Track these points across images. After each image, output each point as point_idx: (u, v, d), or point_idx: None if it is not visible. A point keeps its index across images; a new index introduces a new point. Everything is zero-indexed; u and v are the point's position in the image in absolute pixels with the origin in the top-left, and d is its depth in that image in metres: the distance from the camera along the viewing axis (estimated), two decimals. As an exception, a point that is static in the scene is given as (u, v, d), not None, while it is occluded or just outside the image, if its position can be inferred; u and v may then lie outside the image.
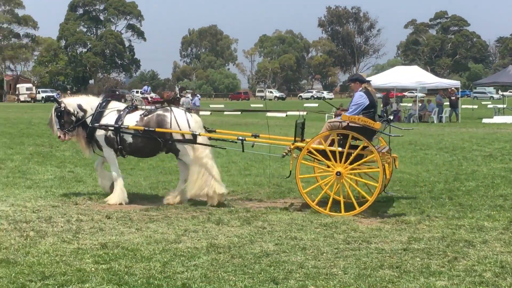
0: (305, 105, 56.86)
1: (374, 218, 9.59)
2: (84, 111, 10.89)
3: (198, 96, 37.53)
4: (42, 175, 13.06)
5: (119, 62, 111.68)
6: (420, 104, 37.57)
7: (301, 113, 12.85)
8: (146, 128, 10.46)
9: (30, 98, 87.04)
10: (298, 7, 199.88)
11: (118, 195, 10.54)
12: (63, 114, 10.88)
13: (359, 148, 9.71)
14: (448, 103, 38.05)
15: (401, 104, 42.70)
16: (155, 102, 37.81)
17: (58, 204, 10.38)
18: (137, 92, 77.69)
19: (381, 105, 37.19)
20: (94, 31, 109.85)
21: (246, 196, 11.49)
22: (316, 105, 58.36)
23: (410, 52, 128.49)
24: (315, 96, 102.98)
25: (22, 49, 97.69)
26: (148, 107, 14.46)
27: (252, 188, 12.42)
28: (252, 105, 71.59)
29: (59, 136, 11.12)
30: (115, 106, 11.07)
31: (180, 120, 10.57)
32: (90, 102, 11.06)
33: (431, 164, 16.39)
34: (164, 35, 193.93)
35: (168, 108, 10.94)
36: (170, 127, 10.51)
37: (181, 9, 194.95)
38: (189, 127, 10.51)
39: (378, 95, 36.08)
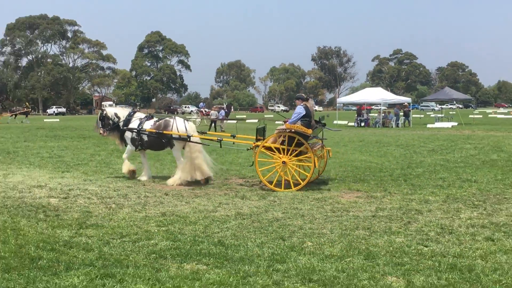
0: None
1: (352, 194, 10.62)
2: (118, 118, 13.56)
3: (224, 110, 41.62)
4: (120, 165, 13.88)
5: (172, 86, 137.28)
6: (383, 114, 44.09)
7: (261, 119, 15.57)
8: (157, 131, 12.82)
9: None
10: (297, 47, 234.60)
11: (126, 166, 13.07)
12: (104, 119, 13.65)
13: (299, 145, 11.56)
14: (402, 113, 42.77)
15: (370, 114, 46.51)
16: (207, 114, 41.05)
17: (131, 185, 11.82)
18: (186, 107, 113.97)
19: (356, 115, 45.98)
20: (155, 64, 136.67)
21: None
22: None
23: (376, 78, 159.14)
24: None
25: (106, 77, 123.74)
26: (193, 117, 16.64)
27: (266, 172, 12.68)
28: (265, 116, 79.36)
29: (100, 133, 13.60)
30: (138, 115, 13.56)
31: (180, 126, 12.58)
32: (122, 112, 13.76)
33: (391, 156, 17.88)
34: (204, 67, 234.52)
35: (173, 117, 13.06)
36: (172, 130, 12.68)
37: (215, 49, 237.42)
38: (186, 130, 12.63)
39: (353, 108, 39.49)
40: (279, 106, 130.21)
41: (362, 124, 42.77)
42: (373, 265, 6.14)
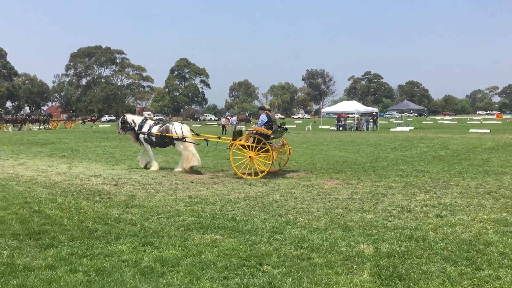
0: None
1: (333, 182, 10.52)
2: (135, 123, 13.86)
3: (234, 117, 43.15)
4: (156, 160, 13.57)
5: (196, 99, 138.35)
6: (356, 121, 43.80)
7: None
8: (160, 134, 13.19)
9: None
10: (291, 69, 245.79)
11: (155, 166, 13.06)
12: (124, 122, 14.01)
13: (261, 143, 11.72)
14: (372, 120, 42.89)
15: (347, 120, 46.81)
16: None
17: (165, 175, 11.89)
18: (206, 115, 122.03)
19: (336, 121, 45.27)
20: (183, 83, 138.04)
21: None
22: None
23: (351, 93, 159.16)
24: (301, 117, 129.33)
25: (145, 93, 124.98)
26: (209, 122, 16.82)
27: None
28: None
29: (119, 132, 13.85)
30: (148, 122, 13.81)
31: (177, 129, 12.94)
32: (137, 119, 14.00)
33: (363, 152, 17.80)
34: (220, 85, 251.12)
35: (172, 122, 13.45)
36: (171, 133, 13.08)
37: (229, 71, 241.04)
38: (182, 132, 12.96)
39: (334, 116, 39.72)
40: (277, 115, 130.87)
41: (341, 128, 42.67)
42: (349, 235, 6.14)
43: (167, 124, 13.38)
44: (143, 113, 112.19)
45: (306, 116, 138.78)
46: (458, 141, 23.16)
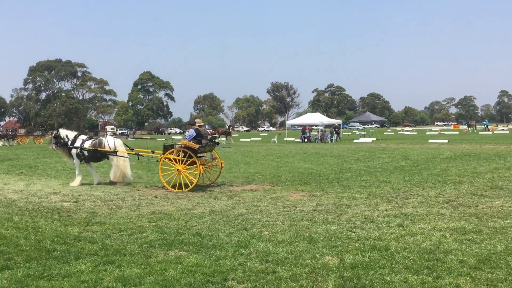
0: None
1: (298, 194, 10.54)
2: (68, 138, 13.74)
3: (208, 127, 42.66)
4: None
5: (160, 113, 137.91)
6: (321, 133, 44.23)
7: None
8: (93, 148, 13.27)
9: (113, 134, 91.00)
10: (256, 82, 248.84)
11: (77, 182, 13.01)
12: (57, 137, 13.79)
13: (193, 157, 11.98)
14: (335, 132, 43.60)
15: (311, 132, 47.41)
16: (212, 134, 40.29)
17: (128, 191, 11.59)
18: (171, 129, 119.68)
19: (301, 133, 46.10)
20: (147, 96, 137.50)
21: (230, 183, 12.74)
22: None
23: (315, 105, 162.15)
24: (266, 129, 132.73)
25: (108, 107, 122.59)
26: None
27: (232, 179, 13.47)
28: (232, 135, 75.45)
29: (52, 148, 13.77)
30: (81, 137, 13.75)
31: (110, 143, 13.12)
32: (71, 134, 13.89)
33: (327, 164, 17.96)
34: (185, 98, 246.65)
35: (106, 136, 13.67)
36: (104, 147, 13.21)
37: (194, 84, 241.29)
38: (115, 146, 13.15)
39: (299, 128, 40.09)
40: (243, 127, 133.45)
41: (306, 140, 43.09)
42: (314, 248, 6.14)
43: (100, 138, 13.67)
44: (106, 127, 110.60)
45: (271, 128, 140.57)
46: (418, 152, 23.76)
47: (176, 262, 5.59)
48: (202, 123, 13.20)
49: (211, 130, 43.26)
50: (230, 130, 48.35)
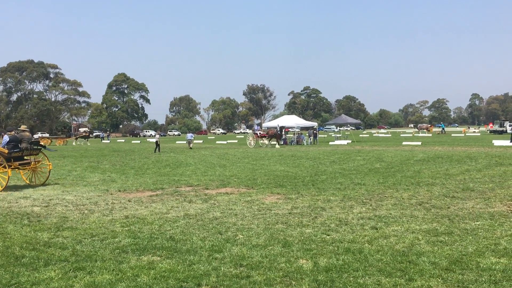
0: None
1: (273, 197, 10.54)
2: None
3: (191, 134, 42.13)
4: (92, 179, 13.91)
5: (135, 115, 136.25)
6: (297, 135, 44.53)
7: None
8: None
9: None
10: (232, 84, 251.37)
11: None
12: None
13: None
14: (311, 134, 43.68)
15: (288, 135, 47.53)
16: (262, 136, 39.09)
17: (101, 195, 11.33)
18: (146, 131, 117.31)
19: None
20: (122, 98, 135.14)
21: (205, 187, 12.63)
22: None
23: (291, 108, 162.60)
24: (243, 132, 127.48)
25: (82, 109, 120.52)
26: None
27: (208, 182, 13.37)
28: (209, 138, 79.61)
29: None
30: None
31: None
32: None
33: (303, 166, 17.99)
34: (160, 100, 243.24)
35: None
36: None
37: (169, 86, 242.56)
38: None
39: (274, 129, 39.80)
40: (219, 130, 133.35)
41: (281, 142, 43.23)
42: (288, 251, 6.13)
43: None
44: (79, 129, 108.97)
45: (247, 130, 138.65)
46: (392, 154, 24.07)
47: (149, 268, 5.51)
48: (26, 129, 14.31)
49: (260, 132, 41.07)
50: (283, 132, 45.18)
